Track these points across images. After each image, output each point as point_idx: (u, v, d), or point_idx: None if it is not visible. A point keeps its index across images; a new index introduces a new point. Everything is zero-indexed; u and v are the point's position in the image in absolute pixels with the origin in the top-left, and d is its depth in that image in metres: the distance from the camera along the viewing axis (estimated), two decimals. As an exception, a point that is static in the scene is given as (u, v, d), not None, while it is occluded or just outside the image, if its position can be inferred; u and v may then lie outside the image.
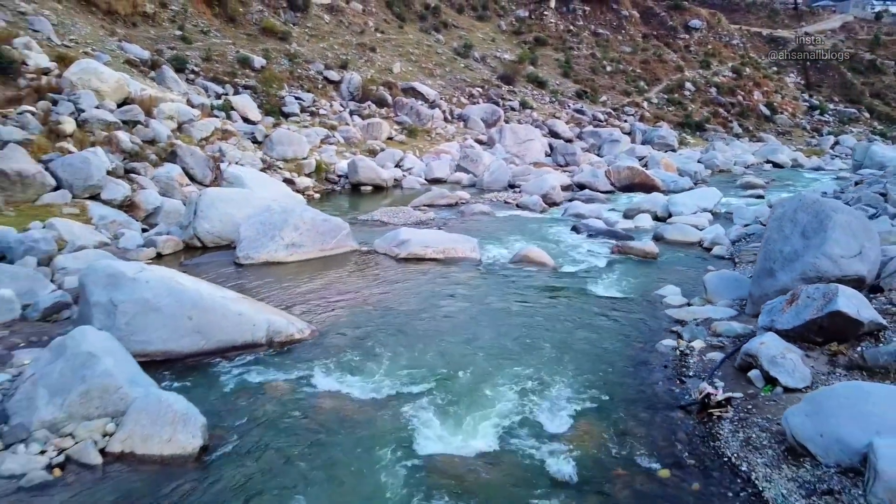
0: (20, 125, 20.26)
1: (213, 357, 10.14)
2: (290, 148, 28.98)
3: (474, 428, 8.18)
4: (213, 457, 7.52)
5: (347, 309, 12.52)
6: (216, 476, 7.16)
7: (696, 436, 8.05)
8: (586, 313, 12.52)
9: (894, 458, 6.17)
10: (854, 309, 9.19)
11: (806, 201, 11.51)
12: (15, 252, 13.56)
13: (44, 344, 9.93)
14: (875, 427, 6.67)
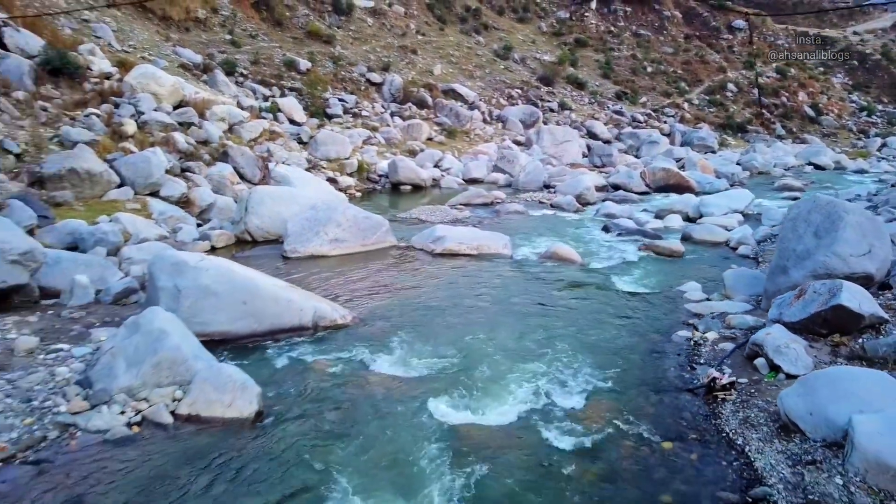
0: (87, 127, 21.88)
1: (264, 339, 11.27)
2: (333, 148, 30.25)
3: (496, 403, 9.10)
4: (266, 421, 8.60)
5: (386, 299, 13.56)
6: (269, 437, 8.22)
7: (699, 415, 8.82)
8: (608, 306, 13.31)
9: (870, 432, 6.90)
10: (856, 303, 9.83)
11: (820, 202, 12.11)
12: (87, 243, 14.95)
13: (116, 324, 11.18)
14: (858, 406, 7.39)
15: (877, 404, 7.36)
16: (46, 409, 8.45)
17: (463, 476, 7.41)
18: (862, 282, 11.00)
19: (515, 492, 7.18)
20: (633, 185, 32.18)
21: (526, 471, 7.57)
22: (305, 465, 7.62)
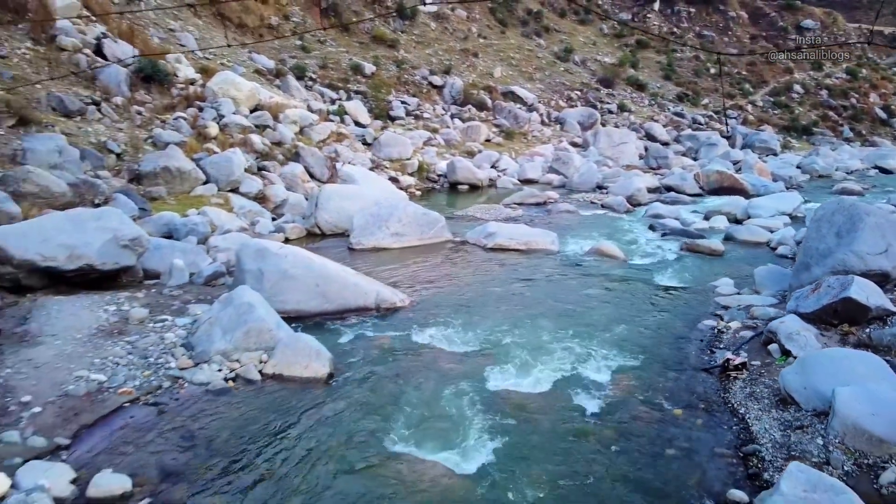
0: (175, 129, 24.23)
1: (333, 316, 12.97)
2: (395, 149, 32.04)
3: (532, 374, 10.50)
4: (336, 382, 10.25)
5: (439, 286, 15.11)
6: (338, 394, 9.86)
7: (711, 390, 10.02)
8: (643, 298, 14.49)
9: (848, 400, 8.02)
10: (864, 296, 10.81)
11: (843, 204, 13.03)
12: (180, 233, 17.03)
13: (208, 301, 13.06)
14: (844, 381, 8.49)
15: (860, 380, 8.45)
16: (160, 364, 10.33)
17: (499, 428, 8.86)
18: (878, 279, 11.92)
19: (543, 442, 8.57)
20: (687, 186, 32.80)
21: (553, 426, 8.96)
22: (368, 417, 9.21)
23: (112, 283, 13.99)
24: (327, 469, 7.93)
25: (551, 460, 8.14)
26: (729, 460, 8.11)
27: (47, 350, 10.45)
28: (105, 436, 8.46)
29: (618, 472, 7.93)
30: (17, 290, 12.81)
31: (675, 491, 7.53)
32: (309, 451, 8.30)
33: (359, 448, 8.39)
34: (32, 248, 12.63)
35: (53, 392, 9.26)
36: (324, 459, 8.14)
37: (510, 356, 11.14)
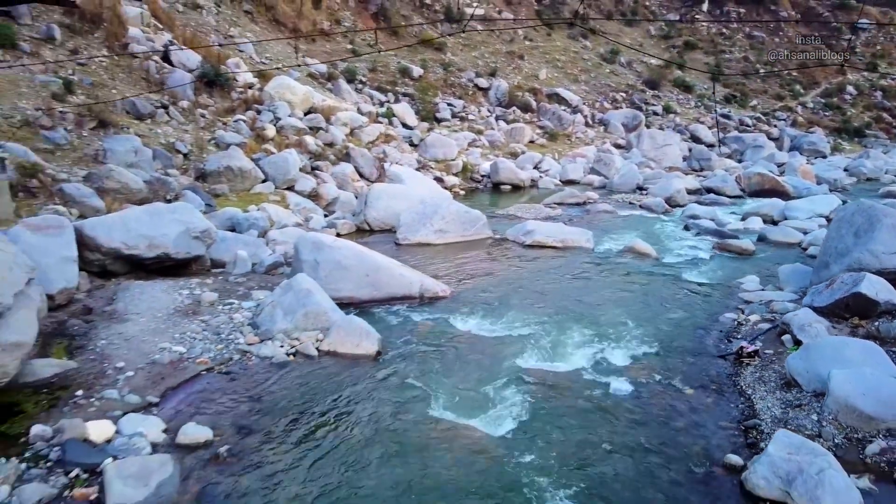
0: (236, 130, 25.98)
1: (381, 304, 14.28)
2: (440, 150, 33.31)
3: (561, 356, 11.60)
4: (384, 359, 11.53)
5: (479, 279, 16.28)
6: (386, 369, 11.12)
7: (724, 374, 10.95)
8: (670, 292, 15.40)
9: (842, 381, 8.90)
10: (873, 292, 11.57)
11: (863, 206, 13.72)
12: (242, 226, 18.59)
13: (269, 288, 14.48)
14: (843, 365, 9.36)
15: (857, 365, 9.31)
16: (230, 340, 11.77)
17: (527, 400, 9.98)
18: (893, 277, 12.61)
19: (565, 413, 9.67)
20: (728, 188, 33.16)
21: (575, 400, 10.05)
22: (411, 388, 10.45)
23: (184, 271, 15.57)
24: (375, 429, 9.19)
25: (571, 428, 9.24)
26: (731, 432, 9.08)
27: (134, 326, 12.01)
28: (187, 396, 9.91)
29: (631, 439, 8.98)
30: (103, 274, 14.48)
31: (680, 455, 8.55)
32: (359, 415, 9.57)
33: (403, 413, 9.63)
34: (118, 237, 14.27)
35: (142, 360, 10.76)
36: (372, 421, 9.40)
37: (541, 341, 12.24)
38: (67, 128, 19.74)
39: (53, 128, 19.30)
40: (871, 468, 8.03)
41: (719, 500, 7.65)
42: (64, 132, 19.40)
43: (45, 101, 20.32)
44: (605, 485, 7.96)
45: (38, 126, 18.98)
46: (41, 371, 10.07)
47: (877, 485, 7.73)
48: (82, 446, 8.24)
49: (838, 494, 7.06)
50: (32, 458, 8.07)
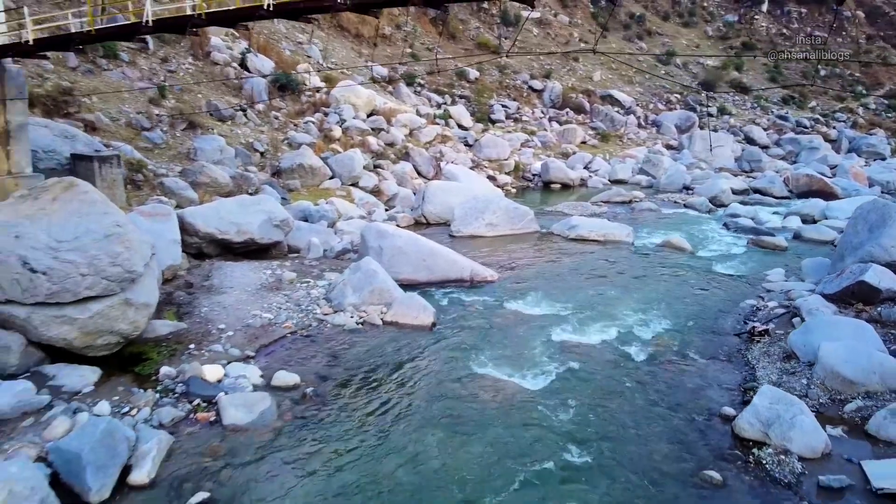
0: (306, 131, 28.37)
1: (436, 285, 16.23)
2: (494, 150, 35.11)
3: (593, 331, 13.32)
4: (438, 329, 13.48)
5: (524, 266, 18.08)
6: (439, 336, 13.07)
7: (735, 348, 12.49)
8: (700, 281, 16.88)
9: (830, 351, 10.39)
10: (877, 280, 12.89)
11: (878, 204, 14.98)
12: (314, 218, 20.83)
13: (339, 270, 16.57)
14: (834, 340, 10.80)
15: (847, 339, 10.75)
16: (309, 311, 13.92)
17: (560, 364, 11.76)
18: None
19: (592, 374, 11.41)
20: (775, 189, 33.85)
21: (602, 365, 11.78)
22: (460, 351, 12.35)
23: (265, 255, 17.86)
24: (430, 382, 11.14)
25: (594, 385, 10.99)
26: (732, 392, 10.67)
27: (229, 297, 14.29)
28: (277, 352, 12.08)
29: (645, 395, 10.68)
30: (199, 256, 16.86)
31: (685, 408, 10.21)
32: (416, 371, 11.54)
33: (453, 370, 11.56)
34: (212, 224, 16.65)
35: (239, 323, 13.00)
36: (428, 376, 11.35)
37: (575, 319, 13.98)
38: (163, 129, 22.40)
39: (152, 129, 21.98)
40: (847, 421, 9.54)
41: (712, 441, 9.30)
42: (161, 133, 22.06)
43: (143, 105, 23.05)
44: (619, 427, 9.70)
45: (140, 127, 21.67)
46: (160, 329, 12.40)
47: (848, 434, 9.26)
48: (201, 383, 10.46)
49: (806, 434, 8.65)
50: (163, 391, 10.33)
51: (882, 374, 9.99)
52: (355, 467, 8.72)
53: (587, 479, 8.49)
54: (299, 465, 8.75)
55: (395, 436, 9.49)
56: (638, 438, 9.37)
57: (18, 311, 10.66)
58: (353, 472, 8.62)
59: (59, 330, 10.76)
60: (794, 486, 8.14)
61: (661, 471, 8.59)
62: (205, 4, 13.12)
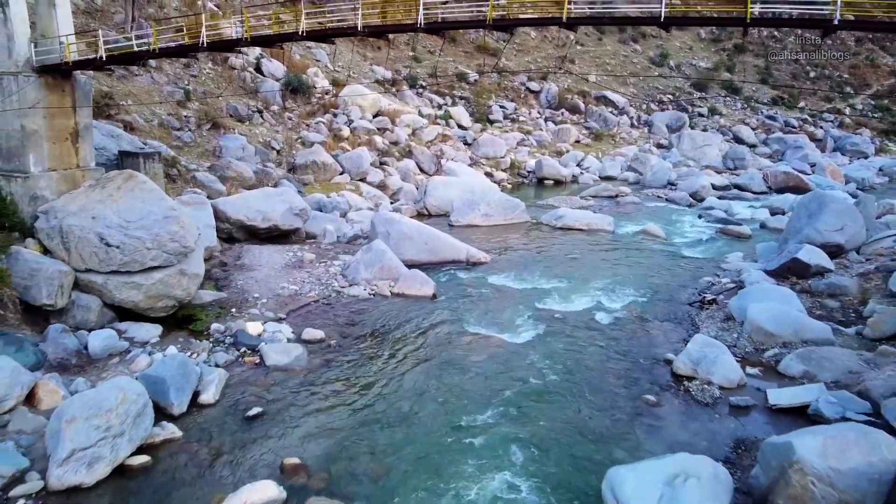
0: (317, 131, 30.75)
1: (436, 265, 18.63)
2: (491, 149, 37.51)
3: (570, 301, 15.75)
4: (438, 299, 15.93)
5: (514, 251, 20.50)
6: (439, 305, 15.50)
7: (686, 315, 14.91)
8: (668, 263, 19.29)
9: (756, 310, 12.81)
10: (808, 257, 15.31)
11: (817, 195, 17.41)
12: (327, 208, 23.25)
13: (351, 253, 19.00)
14: (760, 301, 13.20)
15: (771, 301, 13.16)
16: (328, 284, 16.37)
17: (540, 325, 14.19)
18: (833, 249, 16.33)
19: (566, 333, 13.83)
20: (754, 185, 36.19)
21: (575, 327, 14.20)
22: (457, 315, 14.78)
23: (286, 240, 20.28)
24: (430, 337, 13.57)
25: (567, 340, 13.43)
26: (676, 343, 13.09)
27: (259, 273, 16.73)
28: (304, 315, 14.53)
29: (605, 347, 13.10)
30: (229, 240, 19.27)
31: (636, 355, 12.64)
32: (419, 330, 13.97)
33: (450, 329, 14.00)
34: (241, 212, 19.08)
35: (270, 293, 15.44)
36: (429, 333, 13.78)
37: (556, 292, 16.42)
38: (191, 129, 24.81)
39: (181, 129, 24.39)
40: (764, 364, 11.96)
41: (654, 376, 11.73)
42: (189, 132, 24.47)
43: (173, 107, 25.46)
44: (582, 368, 12.13)
45: (171, 127, 24.09)
46: (205, 297, 14.84)
47: (762, 373, 11.67)
48: (246, 336, 12.91)
49: (726, 370, 11.07)
50: (215, 342, 12.80)
51: (796, 329, 12.39)
52: (369, 395, 11.15)
53: (554, 400, 10.93)
54: (326, 393, 11.19)
55: (401, 374, 11.93)
56: (596, 375, 11.81)
57: (96, 278, 13.11)
58: (367, 398, 11.05)
59: (128, 294, 13.21)
60: (711, 406, 10.58)
61: (611, 395, 11.03)
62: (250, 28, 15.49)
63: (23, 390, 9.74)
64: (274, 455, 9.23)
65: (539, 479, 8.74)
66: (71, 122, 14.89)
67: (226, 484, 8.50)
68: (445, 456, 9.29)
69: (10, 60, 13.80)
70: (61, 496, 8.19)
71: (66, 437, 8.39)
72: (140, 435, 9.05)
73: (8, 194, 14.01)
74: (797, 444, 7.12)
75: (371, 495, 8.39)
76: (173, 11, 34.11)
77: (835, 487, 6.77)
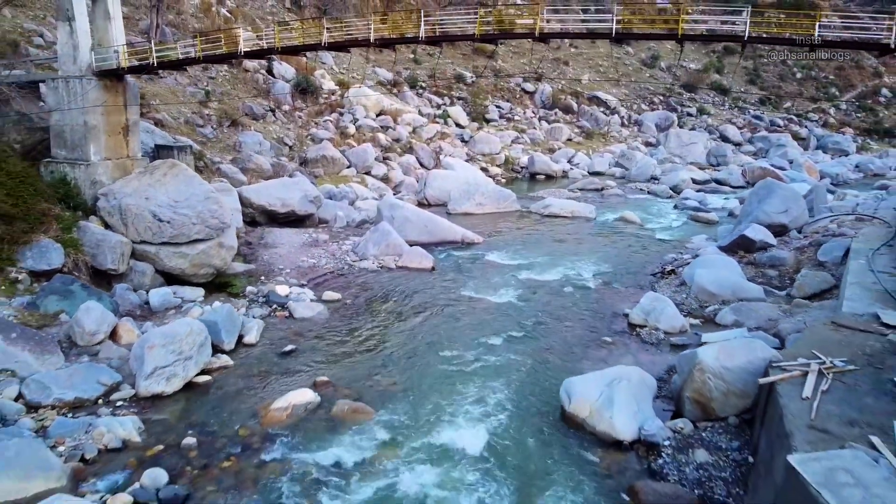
0: (325, 128, 33.29)
1: (435, 245, 21.19)
2: (487, 146, 40.08)
3: (549, 273, 18.30)
4: (436, 271, 18.50)
5: (504, 234, 23.08)
6: (437, 276, 18.06)
7: (648, 282, 17.47)
8: (640, 243, 21.86)
9: (701, 274, 15.38)
10: (753, 234, 17.87)
11: (767, 182, 19.96)
12: (336, 197, 25.81)
13: (359, 235, 21.52)
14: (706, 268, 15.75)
15: (714, 267, 15.72)
16: (341, 258, 18.93)
17: (522, 290, 16.74)
18: (779, 229, 18.87)
19: (544, 294, 16.38)
20: (732, 180, 38.72)
21: (551, 291, 16.76)
22: (452, 283, 17.34)
23: (301, 224, 22.81)
24: (429, 299, 16.13)
25: (542, 301, 15.99)
26: (635, 303, 15.61)
27: (281, 250, 19.28)
28: (322, 282, 17.09)
29: (576, 305, 15.66)
30: (251, 223, 21.81)
31: (601, 312, 15.20)
32: (420, 293, 16.53)
33: (446, 293, 16.56)
34: (263, 198, 21.64)
35: (292, 265, 18.01)
36: (428, 296, 16.33)
37: (539, 266, 18.98)
38: (213, 126, 27.35)
39: (204, 126, 26.93)
40: (705, 317, 14.52)
41: (613, 326, 14.31)
42: (211, 129, 27.01)
43: (196, 106, 27.99)
44: (553, 320, 14.69)
45: (195, 125, 26.62)
46: (237, 267, 17.40)
47: (702, 323, 14.23)
48: (276, 296, 15.49)
49: (670, 318, 13.63)
50: (251, 301, 15.34)
51: (734, 290, 14.94)
52: (380, 338, 13.71)
53: (527, 341, 13.50)
54: (345, 337, 13.74)
55: (405, 324, 14.50)
56: (564, 325, 14.40)
57: (150, 248, 15.67)
58: (378, 339, 13.61)
59: (176, 262, 15.77)
60: (655, 345, 13.15)
61: (575, 338, 13.62)
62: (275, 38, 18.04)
63: (108, 328, 12.30)
64: (307, 376, 11.78)
65: (514, 389, 11.28)
66: (123, 118, 17.45)
67: (272, 394, 11.03)
68: (441, 377, 11.83)
69: (75, 66, 16.36)
70: (147, 401, 10.72)
71: (149, 359, 10.92)
72: (203, 360, 11.59)
73: (72, 179, 16.58)
74: (700, 352, 9.68)
75: (383, 400, 10.92)
76: (190, 18, 36.70)
77: (724, 380, 9.30)
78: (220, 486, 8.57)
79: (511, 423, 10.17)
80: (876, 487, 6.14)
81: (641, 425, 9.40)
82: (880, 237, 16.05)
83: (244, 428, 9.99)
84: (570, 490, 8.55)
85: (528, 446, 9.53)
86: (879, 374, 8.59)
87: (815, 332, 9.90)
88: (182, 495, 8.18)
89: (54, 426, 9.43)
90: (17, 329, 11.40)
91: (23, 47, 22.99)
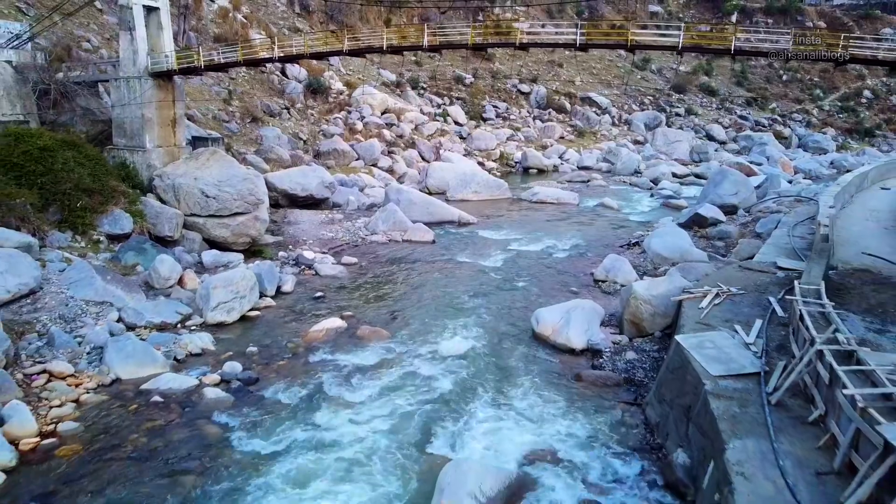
0: (334, 125, 36.51)
1: (435, 224, 24.35)
2: (483, 142, 43.30)
3: (534, 246, 21.49)
4: (436, 243, 21.73)
5: (496, 216, 26.30)
6: (438, 246, 21.30)
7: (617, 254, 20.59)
8: (615, 224, 25.07)
9: (655, 241, 18.57)
10: (705, 212, 21.08)
11: (722, 169, 23.17)
12: (347, 184, 28.98)
13: (368, 216, 24.70)
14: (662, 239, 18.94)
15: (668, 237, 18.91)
16: (354, 233, 22.18)
17: (509, 257, 19.94)
18: (730, 209, 22.10)
19: (528, 262, 19.55)
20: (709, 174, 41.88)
21: (533, 258, 19.95)
22: (449, 252, 20.55)
23: (317, 207, 26.02)
24: (430, 264, 19.33)
25: (525, 265, 19.19)
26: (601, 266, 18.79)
27: (303, 227, 22.49)
28: (339, 251, 20.32)
29: (553, 269, 18.85)
30: (275, 206, 24.97)
31: (574, 274, 18.40)
32: (423, 260, 19.75)
33: (445, 260, 19.80)
34: (285, 184, 24.86)
35: (314, 238, 21.23)
36: (429, 262, 19.54)
37: (525, 240, 22.20)
38: (236, 121, 30.56)
39: (229, 122, 30.13)
40: (657, 275, 17.66)
41: (581, 281, 17.54)
42: (235, 124, 30.21)
43: (221, 104, 31.19)
44: (532, 277, 17.90)
45: (221, 120, 29.82)
46: (267, 238, 20.60)
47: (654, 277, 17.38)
48: (304, 258, 18.70)
49: (626, 274, 16.84)
50: (283, 262, 18.54)
51: (682, 254, 18.11)
52: (391, 289, 16.92)
53: (509, 292, 16.72)
54: (363, 290, 16.97)
55: (411, 281, 17.71)
56: (541, 280, 17.62)
57: (198, 220, 18.86)
58: (389, 289, 16.81)
59: (220, 231, 18.96)
60: (612, 294, 16.34)
61: (548, 289, 16.84)
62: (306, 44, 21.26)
63: (177, 276, 15.55)
64: (335, 312, 14.98)
65: (497, 318, 14.51)
66: (171, 112, 20.65)
67: (309, 323, 14.24)
68: (439, 312, 15.08)
69: (135, 68, 19.58)
70: (213, 328, 13.92)
71: (214, 296, 14.12)
72: (253, 300, 14.81)
73: (131, 163, 19.79)
74: (635, 285, 12.90)
75: (397, 327, 14.11)
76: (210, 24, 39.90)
77: (651, 304, 12.49)
78: (279, 375, 11.79)
79: (493, 339, 13.41)
80: (726, 349, 9.32)
81: (590, 338, 12.60)
82: (808, 213, 19.25)
83: (291, 343, 13.22)
84: (534, 376, 11.75)
85: (505, 353, 12.76)
86: (761, 296, 11.78)
87: (725, 272, 13.12)
88: (254, 377, 11.40)
89: (151, 338, 12.65)
90: (111, 274, 14.60)
91: (74, 51, 26.17)
